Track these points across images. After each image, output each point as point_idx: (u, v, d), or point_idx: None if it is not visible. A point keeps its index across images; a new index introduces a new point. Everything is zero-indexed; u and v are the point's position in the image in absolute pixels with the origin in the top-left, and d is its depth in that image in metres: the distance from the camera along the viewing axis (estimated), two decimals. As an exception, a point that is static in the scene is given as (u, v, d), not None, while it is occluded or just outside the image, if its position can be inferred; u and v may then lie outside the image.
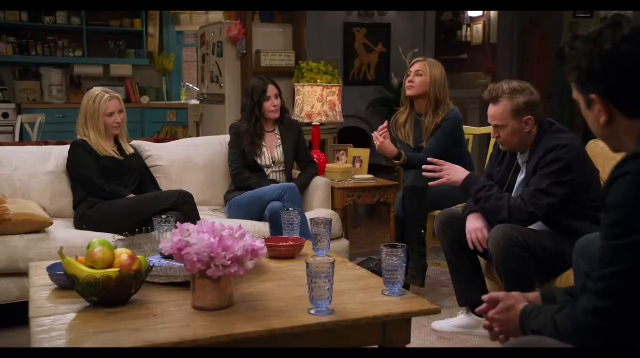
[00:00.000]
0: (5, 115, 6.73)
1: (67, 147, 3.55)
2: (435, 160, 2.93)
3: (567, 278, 2.57)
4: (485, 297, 1.59)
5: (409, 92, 3.66)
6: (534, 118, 2.69)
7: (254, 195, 3.60)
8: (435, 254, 4.35)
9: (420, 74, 3.62)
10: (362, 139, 5.71)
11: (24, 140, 6.18)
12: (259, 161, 3.79)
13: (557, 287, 2.50)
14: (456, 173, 2.85)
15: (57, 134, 6.11)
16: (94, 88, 3.57)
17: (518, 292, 1.58)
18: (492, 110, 2.74)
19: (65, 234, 3.19)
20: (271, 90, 3.79)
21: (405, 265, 2.04)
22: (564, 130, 2.69)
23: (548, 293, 1.61)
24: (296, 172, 4.00)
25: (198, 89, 6.86)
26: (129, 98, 7.52)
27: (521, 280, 2.52)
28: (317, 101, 4.19)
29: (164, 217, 2.59)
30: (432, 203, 3.52)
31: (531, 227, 2.68)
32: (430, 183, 2.94)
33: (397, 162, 3.55)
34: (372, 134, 3.54)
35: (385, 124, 3.53)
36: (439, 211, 3.17)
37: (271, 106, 3.78)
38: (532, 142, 2.71)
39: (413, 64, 3.68)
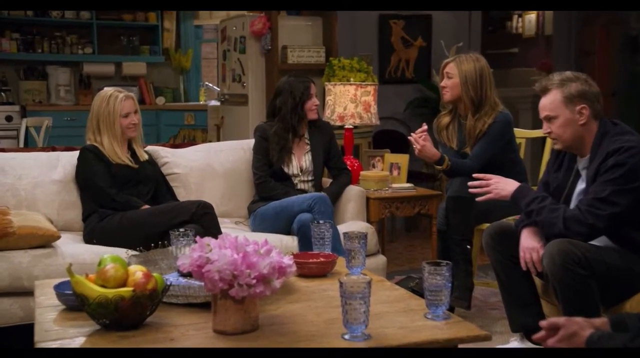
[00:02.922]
0: (9, 118, 6.85)
1: (76, 153, 3.59)
2: (481, 175, 2.90)
3: (638, 302, 2.50)
4: (543, 323, 1.56)
5: (444, 98, 3.64)
6: (590, 109, 2.64)
7: (280, 206, 3.60)
8: (483, 273, 4.31)
9: (450, 76, 3.58)
10: (399, 144, 5.69)
11: (28, 145, 6.27)
12: (285, 169, 3.80)
13: (627, 312, 2.44)
14: (505, 186, 2.81)
15: (65, 139, 6.20)
16: (105, 88, 3.62)
17: (581, 318, 1.55)
18: (542, 102, 2.72)
19: (73, 249, 3.22)
20: (313, 87, 3.83)
21: (450, 284, 2.03)
22: (629, 131, 2.64)
23: (618, 319, 1.57)
24: (327, 181, 4.00)
25: (218, 89, 6.91)
26: (143, 99, 7.62)
27: (582, 303, 2.47)
28: (350, 102, 4.19)
29: (181, 230, 2.60)
30: (480, 215, 3.48)
31: (593, 242, 2.63)
32: (477, 199, 2.91)
33: (439, 167, 3.52)
34: (410, 137, 3.52)
35: (424, 126, 3.51)
36: (488, 224, 3.13)
37: (312, 105, 3.80)
38: (591, 142, 2.66)
39: (444, 65, 3.65)
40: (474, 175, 2.93)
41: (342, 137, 4.34)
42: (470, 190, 2.91)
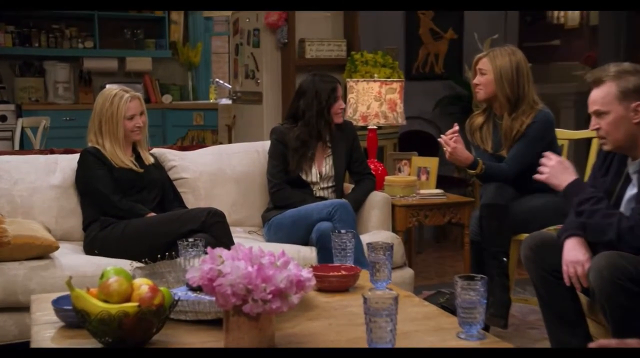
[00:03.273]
0: (3, 118, 6.92)
1: (76, 156, 3.62)
2: (548, 153, 2.84)
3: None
4: (592, 345, 1.54)
5: (477, 97, 3.62)
6: None
7: (298, 214, 3.61)
8: (521, 288, 4.28)
9: (483, 72, 3.55)
10: (428, 146, 5.67)
11: (24, 147, 6.32)
12: (303, 176, 3.81)
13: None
14: (561, 174, 2.72)
15: (64, 141, 6.19)
16: (108, 86, 3.66)
17: (635, 340, 1.52)
18: (593, 94, 2.65)
19: (73, 260, 3.25)
20: (339, 88, 3.83)
21: (484, 301, 2.02)
22: None
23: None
24: (349, 186, 4.01)
25: (230, 86, 6.94)
26: (148, 97, 7.67)
27: (634, 323, 2.44)
28: (374, 100, 4.19)
29: (190, 240, 2.62)
30: (517, 224, 3.45)
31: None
32: (534, 176, 2.85)
33: (472, 172, 3.51)
34: (440, 139, 3.51)
35: (455, 127, 3.49)
36: (526, 234, 3.11)
37: (338, 108, 3.81)
38: None
39: (476, 60, 3.62)
40: (545, 154, 2.85)
41: (366, 138, 4.34)
42: (536, 176, 2.83)
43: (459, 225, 4.15)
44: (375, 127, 4.28)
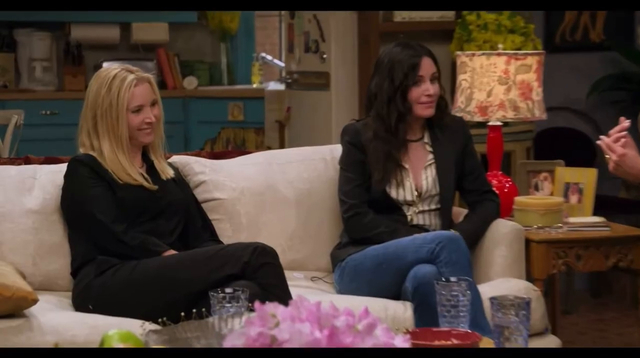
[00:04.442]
0: (-45, 113, 7.08)
1: (62, 167, 3.66)
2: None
3: None
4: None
5: None
6: None
7: (384, 253, 3.61)
8: None
9: None
10: (580, 151, 5.61)
11: (-13, 155, 6.43)
12: (392, 194, 3.81)
13: None
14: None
15: (44, 145, 6.29)
16: (106, 64, 3.71)
17: None
18: None
19: (58, 319, 3.28)
20: (426, 65, 3.80)
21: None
22: None
23: None
24: (460, 211, 3.99)
25: (282, 64, 6.99)
26: (163, 81, 7.75)
27: None
28: (498, 83, 4.16)
29: (228, 290, 2.64)
30: None
31: None
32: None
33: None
34: (599, 141, 3.48)
35: (624, 123, 3.46)
36: None
37: (422, 95, 3.79)
38: None
39: None
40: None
41: (485, 140, 4.32)
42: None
43: (630, 272, 4.08)
44: (499, 123, 4.25)
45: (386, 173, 3.77)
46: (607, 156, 3.45)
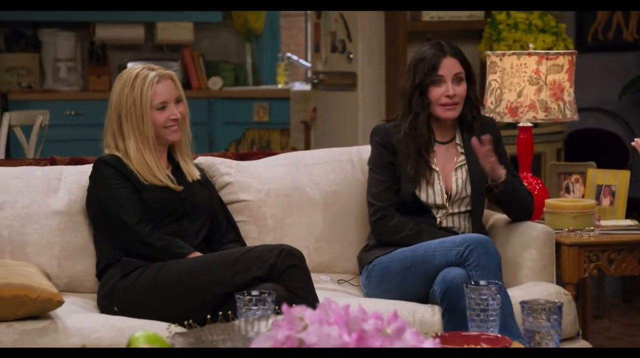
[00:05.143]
0: (-20, 113, 7.10)
1: (88, 168, 3.67)
2: None
3: None
4: None
5: None
6: None
7: (413, 256, 3.60)
8: None
9: None
10: (613, 153, 5.58)
11: (13, 155, 6.41)
12: (422, 197, 3.79)
13: None
14: None
15: (69, 146, 6.32)
16: (130, 64, 3.71)
17: None
18: None
19: (84, 322, 3.28)
20: (448, 65, 3.78)
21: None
22: None
23: None
24: (490, 214, 3.98)
25: (308, 64, 6.98)
26: (189, 81, 7.81)
27: None
28: (529, 83, 4.15)
29: (254, 293, 2.63)
30: None
31: None
32: None
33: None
34: (633, 142, 3.45)
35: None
36: None
37: (443, 96, 3.77)
38: None
39: None
40: None
41: (515, 142, 4.30)
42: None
43: (662, 276, 4.05)
44: (530, 124, 4.24)
45: (417, 171, 3.75)
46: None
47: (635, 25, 6.21)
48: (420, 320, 3.41)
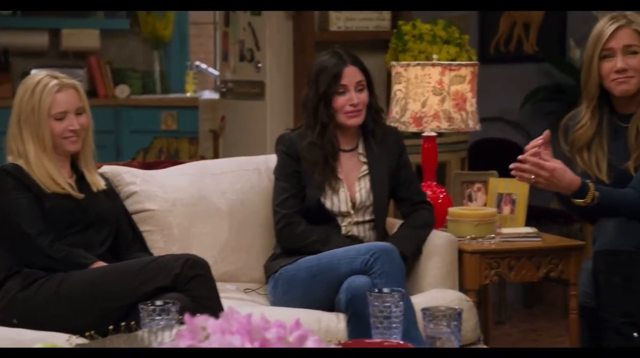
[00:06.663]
0: None
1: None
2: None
3: None
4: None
5: (619, 89, 3.57)
6: None
7: (318, 265, 3.62)
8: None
9: (634, 49, 3.55)
10: (513, 161, 5.64)
11: None
12: (327, 204, 3.81)
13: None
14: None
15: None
16: (34, 71, 3.67)
17: None
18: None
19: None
20: (350, 74, 3.80)
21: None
22: None
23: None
24: (394, 222, 4.00)
25: (216, 73, 6.95)
26: (95, 88, 7.71)
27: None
28: (433, 93, 4.18)
29: (158, 303, 2.61)
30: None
31: None
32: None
33: (580, 202, 3.49)
34: (525, 165, 3.49)
35: (544, 135, 3.49)
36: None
37: (347, 104, 3.79)
38: None
39: (612, 32, 3.56)
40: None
41: (419, 151, 4.33)
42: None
43: (560, 283, 4.12)
44: (434, 134, 4.27)
45: (323, 179, 3.77)
46: (532, 177, 3.47)
47: (535, 38, 6.32)
48: (325, 328, 3.43)
